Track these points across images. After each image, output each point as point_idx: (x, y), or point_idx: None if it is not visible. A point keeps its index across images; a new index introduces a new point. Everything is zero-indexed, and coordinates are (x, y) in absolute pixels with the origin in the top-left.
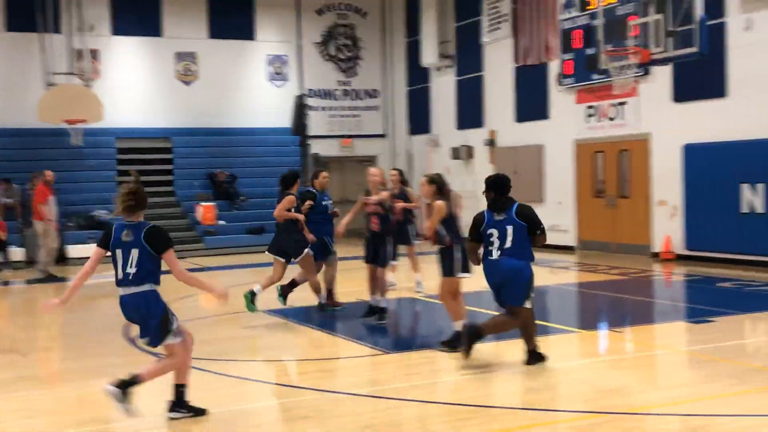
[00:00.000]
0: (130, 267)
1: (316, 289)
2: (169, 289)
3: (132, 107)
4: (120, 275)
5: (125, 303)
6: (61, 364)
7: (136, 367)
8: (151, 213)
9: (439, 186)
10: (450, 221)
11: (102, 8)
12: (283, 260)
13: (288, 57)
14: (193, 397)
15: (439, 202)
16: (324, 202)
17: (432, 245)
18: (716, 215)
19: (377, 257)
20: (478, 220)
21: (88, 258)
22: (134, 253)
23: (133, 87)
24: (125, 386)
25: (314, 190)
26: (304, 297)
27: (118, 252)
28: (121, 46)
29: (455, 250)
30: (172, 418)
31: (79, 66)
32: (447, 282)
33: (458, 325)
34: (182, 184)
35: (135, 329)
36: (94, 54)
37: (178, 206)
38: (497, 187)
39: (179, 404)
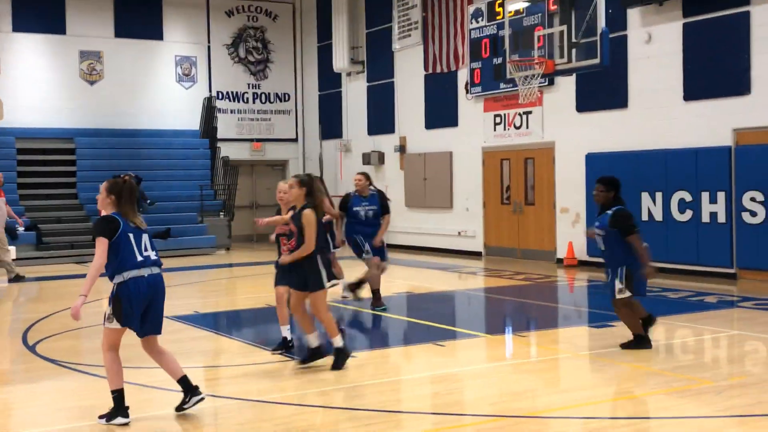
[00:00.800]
0: (147, 251)
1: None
2: (72, 293)
3: (34, 106)
4: (140, 257)
5: (158, 282)
6: None
7: (36, 374)
8: (53, 215)
9: (309, 189)
10: (318, 227)
11: (2, 4)
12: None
13: (197, 58)
14: (93, 405)
15: (308, 212)
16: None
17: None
18: None
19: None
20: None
21: None
22: (145, 237)
23: (34, 85)
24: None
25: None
26: (216, 303)
27: (130, 236)
28: (23, 43)
29: (319, 260)
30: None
31: None
32: (318, 296)
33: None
34: (86, 186)
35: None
36: None
37: (82, 209)
38: (617, 186)
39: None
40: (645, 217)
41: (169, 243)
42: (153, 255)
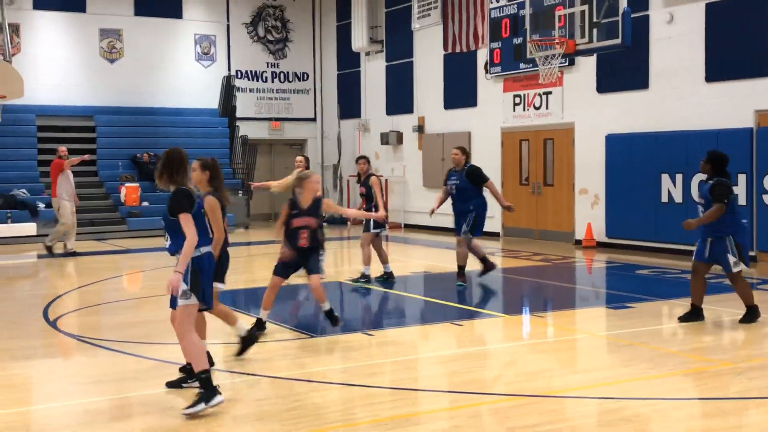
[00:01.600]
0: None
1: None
2: (93, 269)
3: (54, 84)
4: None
5: (213, 257)
6: None
7: (57, 350)
8: None
9: (212, 173)
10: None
11: None
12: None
13: (216, 37)
14: (113, 380)
15: (210, 199)
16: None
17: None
18: (636, 204)
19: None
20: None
21: (5, 237)
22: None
23: (55, 63)
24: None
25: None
26: (234, 280)
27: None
28: (43, 21)
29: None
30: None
31: None
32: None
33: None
34: (105, 164)
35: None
36: (15, 28)
37: (101, 186)
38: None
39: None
40: (665, 198)
41: None
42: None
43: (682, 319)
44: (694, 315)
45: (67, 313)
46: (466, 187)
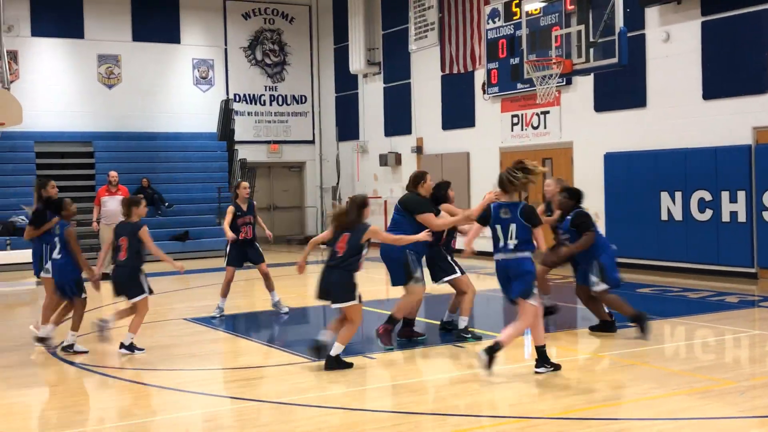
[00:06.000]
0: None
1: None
2: (92, 296)
3: (52, 110)
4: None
5: None
6: None
7: (56, 377)
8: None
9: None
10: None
11: (21, 8)
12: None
13: (214, 61)
14: (112, 408)
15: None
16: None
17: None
18: (636, 222)
19: None
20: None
21: (4, 264)
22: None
23: (53, 90)
24: (491, 352)
25: None
26: (235, 305)
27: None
28: (41, 48)
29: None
30: (538, 373)
31: None
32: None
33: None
34: None
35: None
36: (13, 55)
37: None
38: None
39: (543, 361)
40: (665, 216)
41: (188, 245)
42: None
43: (593, 328)
44: (605, 327)
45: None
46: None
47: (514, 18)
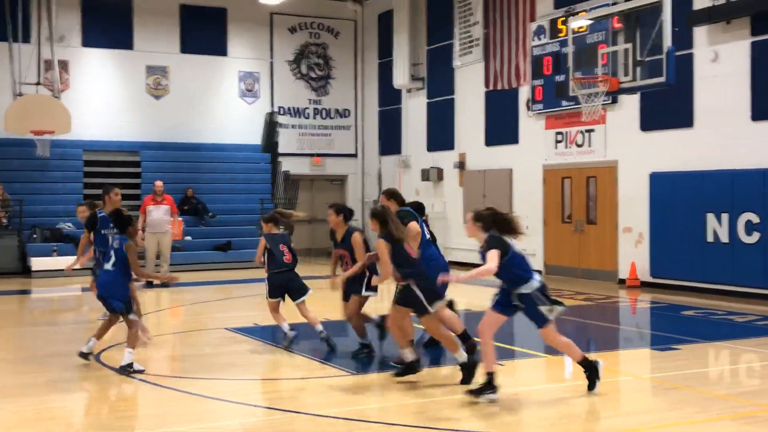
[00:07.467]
0: None
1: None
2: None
3: (101, 120)
4: None
5: None
6: (20, 377)
7: (97, 383)
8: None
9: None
10: None
11: (73, 19)
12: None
13: (260, 74)
14: (146, 414)
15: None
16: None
17: None
18: (681, 243)
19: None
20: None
21: (50, 270)
22: None
23: (102, 99)
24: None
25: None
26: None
27: None
28: (91, 58)
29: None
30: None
31: (48, 76)
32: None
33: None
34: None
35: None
36: (64, 65)
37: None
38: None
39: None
40: (710, 238)
41: (230, 255)
42: None
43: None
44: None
45: (109, 347)
46: None
47: (560, 35)
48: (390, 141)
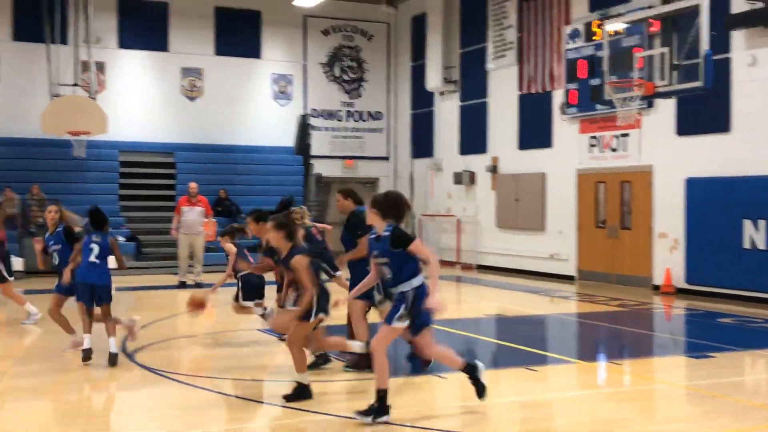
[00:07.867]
0: None
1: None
2: (166, 303)
3: (136, 121)
4: None
5: None
6: (54, 375)
7: (132, 381)
8: (152, 227)
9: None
10: None
11: (109, 21)
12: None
13: (293, 76)
14: (188, 414)
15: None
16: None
17: None
18: (718, 250)
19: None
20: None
21: None
22: None
23: (137, 101)
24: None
25: None
26: None
27: None
28: (127, 60)
29: None
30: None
31: (85, 78)
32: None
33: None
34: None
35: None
36: (100, 66)
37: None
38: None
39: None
40: (747, 245)
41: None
42: None
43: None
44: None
45: (144, 346)
46: None
47: (595, 38)
48: (422, 144)
